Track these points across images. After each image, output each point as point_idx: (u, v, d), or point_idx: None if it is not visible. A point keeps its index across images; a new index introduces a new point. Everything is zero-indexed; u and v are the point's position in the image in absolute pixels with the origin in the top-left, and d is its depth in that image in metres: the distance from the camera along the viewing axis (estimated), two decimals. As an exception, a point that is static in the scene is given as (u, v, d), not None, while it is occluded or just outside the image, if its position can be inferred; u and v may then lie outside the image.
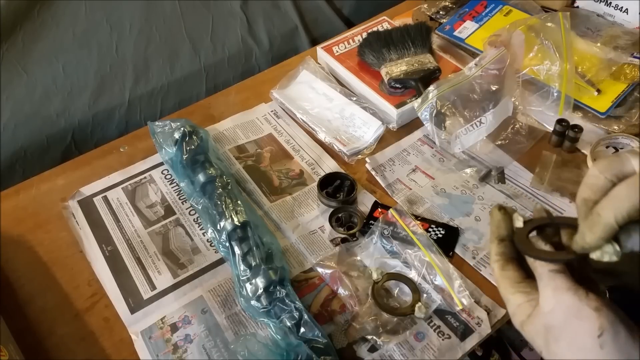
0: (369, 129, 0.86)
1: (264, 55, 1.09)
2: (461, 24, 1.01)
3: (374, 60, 0.92)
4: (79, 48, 0.93)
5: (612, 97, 0.85)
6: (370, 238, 0.70)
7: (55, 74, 0.91)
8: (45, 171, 0.84)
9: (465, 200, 0.77)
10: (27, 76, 0.89)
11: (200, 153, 0.78)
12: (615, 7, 0.98)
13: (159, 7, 0.98)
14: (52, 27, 0.89)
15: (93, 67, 0.94)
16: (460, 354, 0.61)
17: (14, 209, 0.78)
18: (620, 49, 0.90)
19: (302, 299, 0.65)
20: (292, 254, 0.72)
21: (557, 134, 0.83)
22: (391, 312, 0.64)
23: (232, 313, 0.66)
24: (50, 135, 0.93)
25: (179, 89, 1.02)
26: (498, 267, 0.41)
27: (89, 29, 0.93)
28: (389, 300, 0.66)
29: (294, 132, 0.90)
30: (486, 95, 0.82)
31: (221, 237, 0.69)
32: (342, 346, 0.62)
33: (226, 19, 1.05)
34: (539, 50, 0.85)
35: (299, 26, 1.12)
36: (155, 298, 0.68)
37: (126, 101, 0.98)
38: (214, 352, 0.63)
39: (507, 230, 0.42)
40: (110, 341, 0.65)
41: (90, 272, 0.71)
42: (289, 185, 0.81)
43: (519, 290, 0.40)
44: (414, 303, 0.64)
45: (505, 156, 0.83)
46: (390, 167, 0.82)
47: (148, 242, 0.74)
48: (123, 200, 0.80)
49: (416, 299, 0.65)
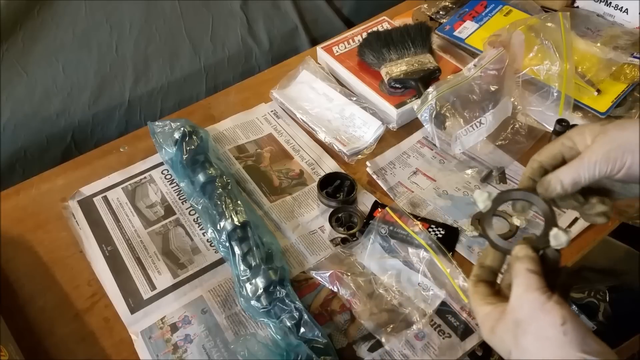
0: (369, 129, 0.86)
1: (264, 55, 1.09)
2: (461, 24, 1.01)
3: (374, 60, 0.92)
4: (79, 48, 0.93)
5: (612, 97, 0.85)
6: (368, 237, 0.70)
7: (55, 74, 0.91)
8: (45, 171, 0.84)
9: (468, 202, 0.77)
10: (27, 76, 0.89)
11: (200, 153, 0.78)
12: (615, 7, 0.98)
13: (159, 7, 0.98)
14: (52, 27, 0.89)
15: (93, 67, 0.94)
16: (460, 354, 0.62)
17: (14, 209, 0.78)
18: (620, 49, 0.90)
19: (302, 299, 0.65)
20: (292, 254, 0.72)
21: (557, 134, 0.83)
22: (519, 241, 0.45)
23: (232, 313, 0.66)
24: (50, 135, 0.93)
25: (179, 89, 1.02)
26: (471, 284, 0.47)
27: (89, 29, 0.93)
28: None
29: (294, 132, 0.90)
30: (486, 95, 0.83)
31: (221, 237, 0.69)
32: (342, 346, 0.63)
33: (226, 19, 1.05)
34: (539, 50, 0.85)
35: (299, 26, 1.12)
36: (155, 298, 0.68)
37: (126, 101, 0.98)
38: (214, 352, 0.63)
39: (492, 262, 0.47)
40: (110, 341, 0.65)
41: (90, 272, 0.71)
42: (289, 185, 0.81)
43: (486, 302, 0.44)
44: (546, 231, 0.44)
45: (505, 156, 0.83)
46: (391, 170, 0.82)
47: (148, 242, 0.74)
48: (123, 200, 0.80)
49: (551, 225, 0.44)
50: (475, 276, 0.47)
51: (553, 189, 0.45)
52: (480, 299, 0.45)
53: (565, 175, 0.44)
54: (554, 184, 0.45)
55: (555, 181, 0.45)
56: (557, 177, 0.45)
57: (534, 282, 0.41)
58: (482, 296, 0.45)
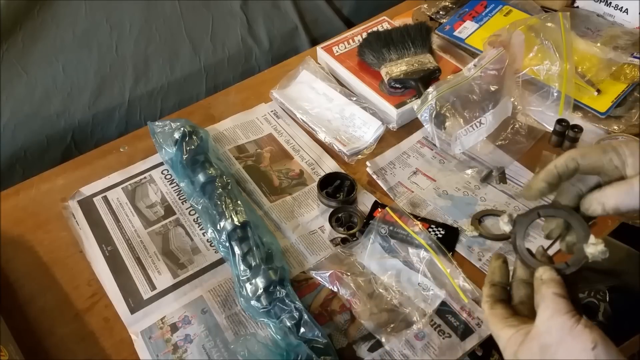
0: (369, 129, 0.86)
1: (264, 55, 1.09)
2: (461, 24, 1.01)
3: (374, 60, 0.92)
4: (79, 48, 0.93)
5: (612, 97, 0.85)
6: (368, 237, 0.70)
7: (55, 74, 0.91)
8: (45, 171, 0.84)
9: (468, 202, 0.77)
10: (27, 76, 0.89)
11: (200, 153, 0.78)
12: (615, 7, 0.98)
13: (159, 7, 0.98)
14: (52, 27, 0.89)
15: (93, 67, 0.94)
16: (460, 354, 0.62)
17: (14, 209, 0.78)
18: (620, 49, 0.90)
19: (302, 299, 0.65)
20: (292, 254, 0.72)
21: (557, 134, 0.83)
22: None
23: (232, 313, 0.66)
24: (50, 135, 0.93)
25: (179, 89, 1.02)
26: (487, 307, 0.46)
27: (89, 29, 0.93)
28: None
29: (294, 132, 0.90)
30: (486, 95, 0.83)
31: (221, 237, 0.69)
32: (342, 346, 0.62)
33: (226, 19, 1.05)
34: (539, 50, 0.85)
35: (299, 26, 1.12)
36: (155, 298, 0.68)
37: (126, 101, 0.98)
38: (214, 352, 0.63)
39: (501, 277, 0.47)
40: (110, 341, 0.65)
41: (90, 272, 0.71)
42: (289, 185, 0.81)
43: (508, 325, 0.43)
44: (580, 239, 0.44)
45: (505, 156, 0.83)
46: (391, 170, 0.82)
47: (148, 242, 0.74)
48: (123, 200, 0.80)
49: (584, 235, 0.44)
50: (490, 297, 0.46)
51: (593, 210, 0.44)
52: (499, 321, 0.44)
53: (609, 199, 0.43)
54: (595, 205, 0.44)
55: (597, 202, 0.44)
56: (600, 199, 0.44)
57: (562, 306, 0.40)
58: (502, 319, 0.44)
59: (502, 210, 0.75)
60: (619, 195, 0.43)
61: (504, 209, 0.75)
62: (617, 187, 0.43)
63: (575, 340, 0.39)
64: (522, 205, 0.76)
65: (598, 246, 0.43)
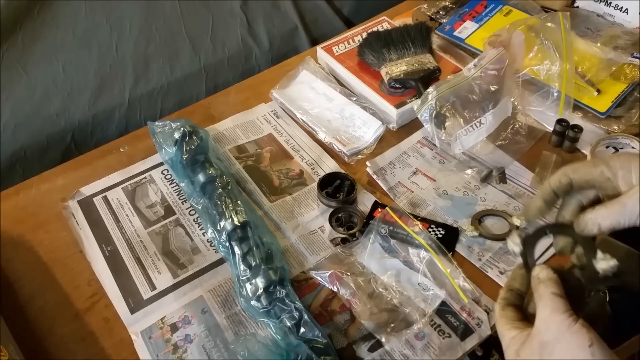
0: (369, 129, 0.86)
1: (264, 55, 1.09)
2: (461, 24, 1.01)
3: (374, 60, 0.92)
4: (79, 48, 0.93)
5: (612, 97, 0.85)
6: (368, 237, 0.70)
7: (55, 74, 0.91)
8: (45, 171, 0.84)
9: (468, 202, 0.77)
10: (27, 76, 0.89)
11: (200, 153, 0.78)
12: (615, 7, 0.98)
13: (159, 7, 0.98)
14: (52, 27, 0.89)
15: (93, 67, 0.94)
16: (460, 354, 0.62)
17: (14, 209, 0.78)
18: (620, 49, 0.90)
19: (302, 299, 0.65)
20: (292, 254, 0.72)
21: (557, 134, 0.83)
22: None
23: (232, 313, 0.66)
24: (50, 135, 0.93)
25: (179, 89, 1.02)
26: (499, 308, 0.47)
27: (89, 29, 0.93)
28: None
29: (294, 132, 0.90)
30: (486, 95, 0.83)
31: (221, 237, 0.69)
32: (342, 346, 0.62)
33: (226, 19, 1.05)
34: (539, 50, 0.85)
35: (299, 26, 1.12)
36: (155, 298, 0.68)
37: (126, 101, 0.98)
38: (214, 352, 0.63)
39: (520, 285, 0.47)
40: (110, 341, 0.65)
41: (90, 272, 0.71)
42: (289, 185, 0.81)
43: (514, 326, 0.45)
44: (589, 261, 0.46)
45: (505, 156, 0.83)
46: (391, 170, 0.82)
47: (148, 242, 0.74)
48: (123, 200, 0.80)
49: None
50: (503, 299, 0.47)
51: (589, 231, 0.45)
52: (506, 322, 0.45)
53: (604, 220, 0.44)
54: (590, 226, 0.45)
55: (592, 223, 0.44)
56: (594, 220, 0.44)
57: (560, 305, 0.42)
58: (509, 320, 0.45)
59: (502, 210, 0.75)
60: (612, 216, 0.44)
61: (504, 209, 0.75)
62: (610, 207, 0.44)
63: (572, 338, 0.40)
64: (522, 205, 0.76)
65: (609, 261, 0.43)
